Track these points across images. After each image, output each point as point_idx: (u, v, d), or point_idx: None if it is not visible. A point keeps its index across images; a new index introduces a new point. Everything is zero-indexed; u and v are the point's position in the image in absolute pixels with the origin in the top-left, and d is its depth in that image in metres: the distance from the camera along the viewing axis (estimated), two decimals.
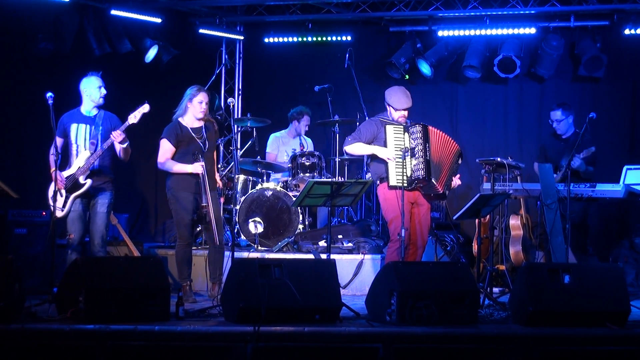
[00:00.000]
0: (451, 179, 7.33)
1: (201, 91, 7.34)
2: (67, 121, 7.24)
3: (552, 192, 7.71)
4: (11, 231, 8.17)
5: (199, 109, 7.26)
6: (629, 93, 10.22)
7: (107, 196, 7.24)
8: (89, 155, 7.15)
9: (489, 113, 10.66)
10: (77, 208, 7.16)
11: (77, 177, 7.11)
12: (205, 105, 7.28)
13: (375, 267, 8.01)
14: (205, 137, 7.29)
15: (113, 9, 9.42)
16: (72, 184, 7.11)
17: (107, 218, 7.29)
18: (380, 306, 5.89)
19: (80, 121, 7.24)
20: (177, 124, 7.29)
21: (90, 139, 7.20)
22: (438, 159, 7.25)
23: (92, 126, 7.22)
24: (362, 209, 9.94)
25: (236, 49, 11.16)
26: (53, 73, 9.08)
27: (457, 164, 7.39)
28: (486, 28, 10.00)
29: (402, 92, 7.33)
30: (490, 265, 7.28)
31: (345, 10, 10.35)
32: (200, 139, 7.26)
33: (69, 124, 7.22)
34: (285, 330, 5.47)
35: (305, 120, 9.84)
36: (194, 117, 7.29)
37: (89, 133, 7.21)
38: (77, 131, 7.21)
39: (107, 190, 7.26)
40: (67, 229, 7.15)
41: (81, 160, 7.16)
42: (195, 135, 7.26)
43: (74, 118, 7.26)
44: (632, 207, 9.63)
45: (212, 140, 7.39)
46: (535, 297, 5.84)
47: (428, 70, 10.35)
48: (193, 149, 7.17)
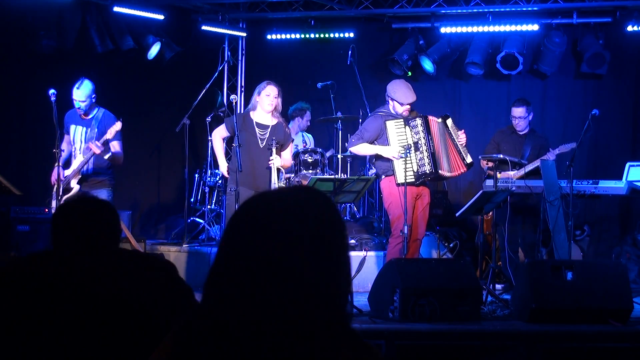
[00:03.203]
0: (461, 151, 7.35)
1: (270, 84, 7.28)
2: (68, 121, 7.27)
3: (554, 189, 7.70)
4: (14, 228, 8.17)
5: (267, 102, 7.22)
6: (631, 90, 10.21)
7: (104, 194, 7.22)
8: (82, 160, 7.15)
9: (491, 110, 10.64)
10: None
11: (69, 179, 7.13)
12: (274, 99, 7.22)
13: (378, 264, 8.01)
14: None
15: (115, 5, 9.41)
16: (67, 185, 7.13)
17: None
18: (383, 303, 5.89)
19: (78, 123, 7.26)
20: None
21: (85, 142, 7.19)
22: (443, 147, 7.28)
23: (88, 128, 7.22)
24: (364, 205, 9.93)
25: (239, 45, 11.15)
26: (55, 70, 9.08)
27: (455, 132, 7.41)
28: (489, 25, 9.99)
29: (406, 86, 7.34)
30: (492, 262, 7.28)
31: (347, 7, 10.34)
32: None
33: (69, 124, 7.24)
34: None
35: (307, 116, 9.84)
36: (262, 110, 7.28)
37: (84, 136, 7.21)
38: (74, 133, 7.23)
39: (103, 189, 7.25)
40: None
41: (75, 163, 7.18)
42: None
43: (74, 119, 7.27)
44: (635, 204, 9.63)
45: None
46: (538, 294, 5.84)
47: (431, 67, 10.34)
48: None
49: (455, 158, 7.36)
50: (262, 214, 1.55)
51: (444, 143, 7.34)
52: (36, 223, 8.18)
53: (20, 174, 9.07)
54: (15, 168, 9.13)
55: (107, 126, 7.19)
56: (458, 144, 7.38)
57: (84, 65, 9.20)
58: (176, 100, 10.19)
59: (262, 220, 1.54)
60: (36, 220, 8.18)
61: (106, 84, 8.31)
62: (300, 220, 1.53)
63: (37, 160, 8.87)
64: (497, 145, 8.32)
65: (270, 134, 7.20)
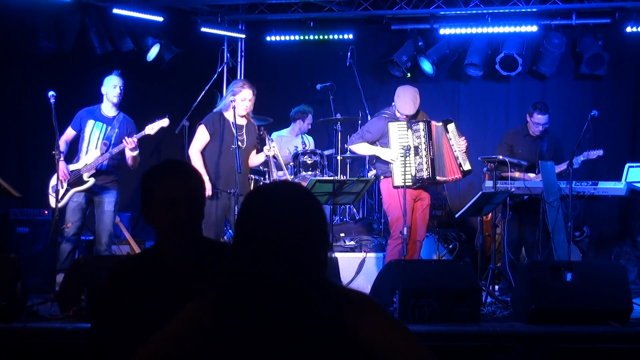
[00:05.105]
0: (458, 157, 7.35)
1: (245, 87, 7.09)
2: (86, 116, 7.27)
3: (554, 189, 7.70)
4: (13, 230, 8.16)
5: (243, 107, 7.03)
6: (630, 91, 10.21)
7: (114, 195, 7.27)
8: (98, 155, 7.17)
9: (490, 111, 10.65)
10: (78, 199, 7.16)
11: (81, 173, 7.13)
12: (249, 102, 7.05)
13: (377, 265, 8.01)
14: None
15: (115, 7, 9.41)
16: (75, 179, 7.12)
17: (115, 217, 7.32)
18: (383, 304, 5.83)
19: (98, 119, 7.27)
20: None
21: (103, 139, 7.21)
22: (441, 151, 7.29)
23: (109, 127, 7.25)
24: (364, 207, 9.93)
25: (238, 47, 11.15)
26: (55, 72, 9.09)
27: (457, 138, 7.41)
28: (488, 26, 9.99)
29: (411, 97, 7.32)
30: (492, 263, 7.28)
31: (346, 8, 10.34)
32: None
33: (86, 119, 7.24)
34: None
35: (308, 119, 9.84)
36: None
37: (104, 133, 7.23)
38: (92, 128, 7.23)
39: (113, 189, 7.28)
40: (66, 218, 7.14)
41: (90, 157, 7.17)
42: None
43: (93, 115, 7.28)
44: (634, 205, 9.63)
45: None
46: (538, 295, 5.83)
47: (430, 69, 10.35)
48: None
49: (450, 163, 7.36)
50: (270, 206, 2.20)
51: (442, 147, 7.35)
52: (35, 225, 8.17)
53: (20, 176, 9.07)
54: (15, 170, 9.13)
55: (128, 129, 7.23)
56: (457, 150, 7.38)
57: (84, 67, 9.21)
58: (175, 101, 10.19)
59: (271, 211, 2.19)
60: (35, 222, 8.17)
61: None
62: (297, 210, 2.20)
63: (36, 162, 8.87)
64: (510, 148, 8.20)
65: (246, 134, 7.06)
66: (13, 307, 5.63)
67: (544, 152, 8.15)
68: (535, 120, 8.11)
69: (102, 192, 7.22)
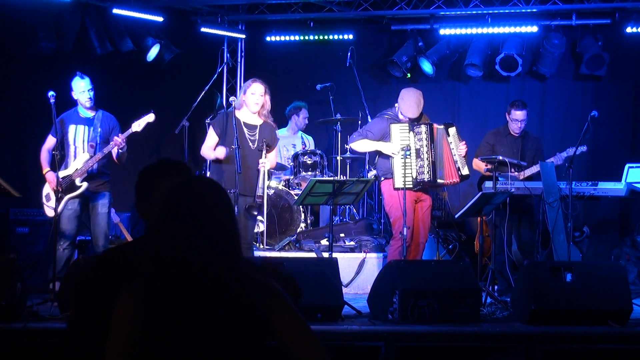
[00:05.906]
0: (457, 161, 7.36)
1: (255, 82, 7.04)
2: (66, 122, 7.24)
3: (554, 190, 7.70)
4: (13, 230, 8.17)
5: (253, 101, 6.95)
6: (630, 91, 10.21)
7: (106, 197, 7.26)
8: (87, 158, 7.15)
9: (490, 111, 10.63)
10: (73, 207, 7.16)
11: (73, 178, 7.12)
12: (260, 97, 6.96)
13: (377, 266, 8.01)
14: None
15: (115, 7, 9.41)
16: (68, 185, 7.11)
17: (109, 218, 7.31)
18: (383, 304, 5.89)
19: (79, 122, 7.24)
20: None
21: (89, 141, 7.20)
22: (441, 154, 7.30)
23: (91, 128, 7.23)
24: (364, 207, 9.93)
25: (238, 47, 11.14)
26: (55, 72, 9.08)
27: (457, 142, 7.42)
28: (488, 26, 9.99)
29: (415, 100, 7.32)
30: (492, 264, 7.28)
31: (346, 8, 10.34)
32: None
33: (67, 125, 7.22)
34: None
35: (303, 113, 9.83)
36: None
37: (87, 135, 7.21)
38: (75, 132, 7.21)
39: (105, 191, 7.27)
40: (62, 227, 7.12)
41: (79, 162, 7.16)
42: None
43: (72, 119, 7.25)
44: (634, 205, 9.63)
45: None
46: (538, 295, 5.83)
47: (430, 69, 10.34)
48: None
49: (450, 167, 7.37)
50: (187, 196, 2.41)
51: (442, 150, 7.36)
52: (35, 225, 8.18)
53: (19, 176, 9.07)
54: (14, 170, 9.13)
55: (110, 125, 7.23)
56: (457, 154, 7.39)
57: (83, 67, 9.19)
58: (175, 102, 10.18)
59: (188, 201, 2.40)
60: (35, 222, 8.18)
61: (105, 86, 8.30)
62: (212, 199, 2.42)
63: (36, 162, 8.82)
64: (492, 147, 8.24)
65: (260, 134, 6.95)
66: (13, 307, 5.63)
67: (525, 151, 8.17)
68: (514, 117, 8.17)
69: (96, 196, 7.22)
